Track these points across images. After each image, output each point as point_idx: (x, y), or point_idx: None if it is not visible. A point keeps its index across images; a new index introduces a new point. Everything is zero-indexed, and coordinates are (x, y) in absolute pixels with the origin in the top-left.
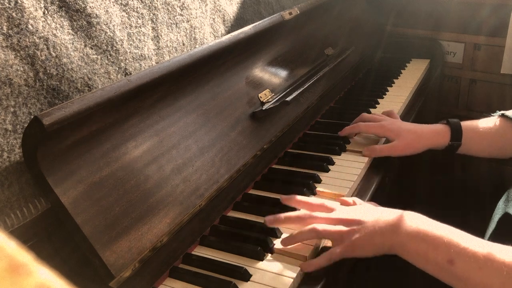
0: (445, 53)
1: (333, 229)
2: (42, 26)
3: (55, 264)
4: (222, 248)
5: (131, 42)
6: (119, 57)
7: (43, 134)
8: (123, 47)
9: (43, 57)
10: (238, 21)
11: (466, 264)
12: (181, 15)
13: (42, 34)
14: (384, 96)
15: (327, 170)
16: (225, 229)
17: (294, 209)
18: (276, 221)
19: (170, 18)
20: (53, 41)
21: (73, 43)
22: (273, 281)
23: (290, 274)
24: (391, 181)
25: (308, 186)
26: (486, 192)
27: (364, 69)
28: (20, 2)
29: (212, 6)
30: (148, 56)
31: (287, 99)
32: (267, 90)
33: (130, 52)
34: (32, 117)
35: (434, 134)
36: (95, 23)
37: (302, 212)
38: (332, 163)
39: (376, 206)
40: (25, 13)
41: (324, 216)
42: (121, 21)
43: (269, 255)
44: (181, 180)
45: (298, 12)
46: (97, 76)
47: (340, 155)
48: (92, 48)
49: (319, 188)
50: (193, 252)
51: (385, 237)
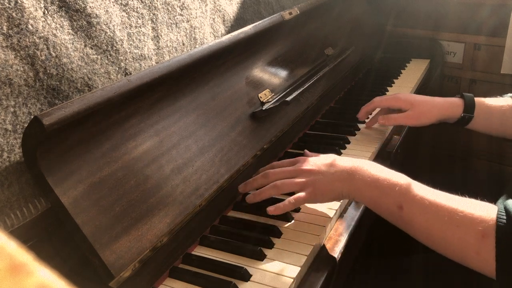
0: (445, 53)
1: (293, 181)
2: (42, 26)
3: (55, 264)
4: (222, 248)
5: (131, 42)
6: (119, 57)
7: (43, 134)
8: (123, 47)
9: (43, 57)
10: (238, 21)
11: (413, 209)
12: (181, 15)
13: (42, 34)
14: None
15: None
16: (225, 229)
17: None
18: (247, 186)
19: (170, 18)
20: (53, 41)
21: (73, 43)
22: (273, 281)
23: (290, 274)
24: None
25: None
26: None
27: (364, 69)
28: (20, 2)
29: (212, 6)
30: (148, 56)
31: (287, 99)
32: (267, 90)
33: (130, 52)
34: (32, 117)
35: (448, 105)
36: (95, 23)
37: (267, 171)
38: None
39: (337, 156)
40: (25, 13)
41: (286, 170)
42: (121, 21)
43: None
44: (181, 180)
45: (298, 12)
46: (97, 76)
47: (340, 155)
48: (92, 48)
49: None
50: (193, 252)
51: (343, 183)
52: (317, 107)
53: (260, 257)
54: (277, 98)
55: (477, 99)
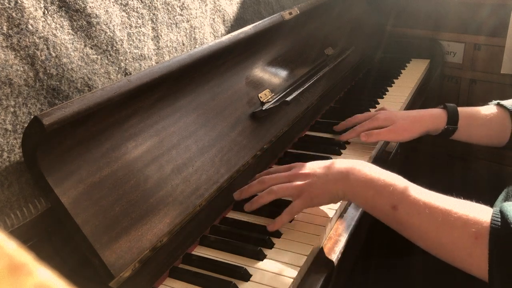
0: (445, 53)
1: (289, 186)
2: (42, 26)
3: (55, 264)
4: (222, 248)
5: (131, 42)
6: (119, 57)
7: (43, 134)
8: (123, 47)
9: (43, 57)
10: (238, 21)
11: (407, 210)
12: (181, 15)
13: (42, 34)
14: (384, 96)
15: None
16: (225, 229)
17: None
18: (243, 193)
19: (170, 18)
20: (53, 41)
21: (73, 43)
22: (273, 281)
23: (290, 274)
24: None
25: None
26: (486, 192)
27: (364, 69)
28: (20, 2)
29: (212, 6)
30: (148, 56)
31: (287, 99)
32: (267, 90)
33: (130, 52)
34: (32, 117)
35: (430, 117)
36: (95, 23)
37: (262, 177)
38: None
39: (333, 159)
40: (25, 13)
41: (281, 175)
42: (121, 21)
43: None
44: (181, 180)
45: (298, 12)
46: (97, 76)
47: (340, 155)
48: (92, 48)
49: None
50: (193, 252)
51: (338, 185)
52: (317, 107)
53: (260, 257)
54: (277, 98)
55: (461, 110)
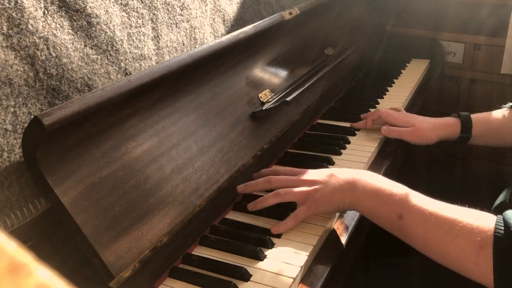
0: (445, 53)
1: (296, 191)
2: (42, 26)
3: (55, 264)
4: (222, 248)
5: (131, 42)
6: (119, 57)
7: (43, 134)
8: (123, 47)
9: (43, 57)
10: (238, 21)
11: (413, 219)
12: (181, 15)
13: (42, 34)
14: (384, 96)
15: None
16: (225, 229)
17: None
18: (247, 188)
19: (170, 18)
20: (53, 41)
21: (73, 43)
22: (273, 281)
23: (290, 274)
24: None
25: None
26: (486, 192)
27: (364, 69)
28: (20, 2)
29: (212, 6)
30: (148, 56)
31: (287, 99)
32: (267, 90)
33: (130, 52)
34: (32, 117)
35: (446, 126)
36: (95, 23)
37: (269, 176)
38: (332, 163)
39: (339, 168)
40: (25, 13)
41: (289, 178)
42: (121, 21)
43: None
44: (181, 180)
45: (298, 12)
46: (97, 76)
47: (340, 155)
48: (92, 48)
49: None
50: (193, 252)
51: (344, 194)
52: (317, 107)
53: (260, 257)
54: (277, 98)
55: (474, 117)
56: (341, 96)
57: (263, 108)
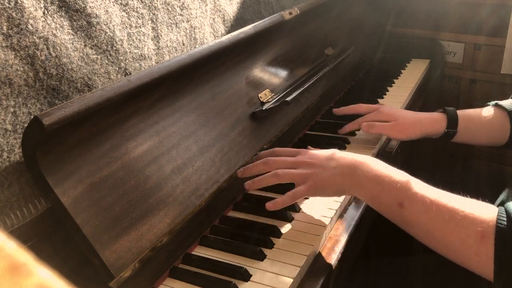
0: (445, 53)
1: (294, 172)
2: (42, 26)
3: (55, 264)
4: (222, 248)
5: (131, 42)
6: (119, 57)
7: (43, 134)
8: (123, 47)
9: (43, 57)
10: (238, 21)
11: (414, 208)
12: (181, 15)
13: (42, 34)
14: (384, 96)
15: None
16: (225, 229)
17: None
18: (246, 171)
19: (170, 18)
20: (53, 41)
21: (73, 43)
22: (273, 281)
23: (290, 274)
24: None
25: None
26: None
27: (364, 69)
28: (20, 2)
29: (212, 6)
30: (148, 56)
31: (287, 99)
32: (267, 90)
33: (130, 52)
34: (32, 117)
35: (431, 121)
36: (95, 23)
37: (267, 158)
38: None
39: (341, 151)
40: (25, 13)
41: (288, 159)
42: (121, 21)
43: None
44: (181, 180)
45: (298, 12)
46: (97, 76)
47: None
48: (92, 48)
49: None
50: (193, 252)
51: (345, 178)
52: (317, 107)
53: (260, 257)
54: (277, 98)
55: (460, 113)
56: (341, 96)
57: (263, 108)
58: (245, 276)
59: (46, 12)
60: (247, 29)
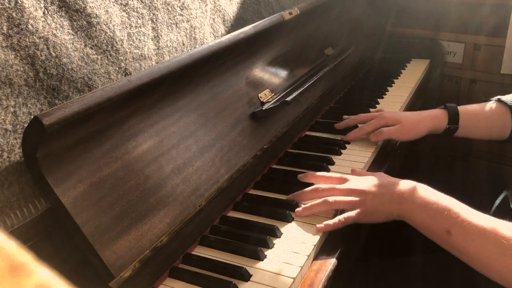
0: (445, 53)
1: (344, 200)
2: (42, 26)
3: (55, 264)
4: (222, 248)
5: (131, 42)
6: (119, 57)
7: (43, 134)
8: (123, 47)
9: (43, 57)
10: (238, 21)
11: (461, 235)
12: (181, 15)
13: (42, 34)
14: (384, 96)
15: (328, 170)
16: (225, 229)
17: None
18: (295, 198)
19: (170, 18)
20: (53, 41)
21: (73, 43)
22: (273, 281)
23: (290, 274)
24: None
25: (308, 186)
26: (486, 192)
27: (364, 69)
28: (20, 2)
29: (212, 6)
30: (148, 56)
31: (287, 99)
32: (267, 90)
33: (130, 52)
34: (32, 117)
35: (432, 118)
36: (95, 23)
37: (317, 185)
38: (332, 163)
39: (387, 176)
40: (25, 13)
41: (337, 187)
42: (121, 21)
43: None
44: (181, 180)
45: (298, 12)
46: (97, 76)
47: (340, 155)
48: (92, 48)
49: None
50: (193, 252)
51: (393, 205)
52: (317, 107)
53: (260, 257)
54: (277, 98)
55: (461, 108)
56: (341, 96)
57: (263, 108)
58: (245, 276)
59: (46, 12)
60: (247, 29)
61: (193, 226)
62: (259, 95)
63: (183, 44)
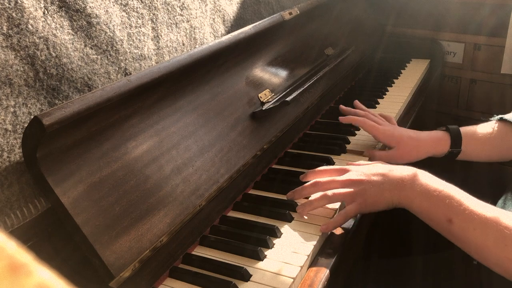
0: (445, 53)
1: (344, 192)
2: (42, 26)
3: (55, 264)
4: (222, 248)
5: (131, 42)
6: (119, 57)
7: (43, 134)
8: (123, 47)
9: (43, 57)
10: (238, 21)
11: (463, 224)
12: (181, 15)
13: (42, 34)
14: (384, 96)
15: None
16: (225, 229)
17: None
18: (296, 194)
19: (170, 18)
20: (53, 41)
21: (73, 43)
22: (273, 281)
23: (290, 274)
24: None
25: None
26: (486, 192)
27: (364, 69)
28: (20, 2)
29: (212, 6)
30: (148, 56)
31: (287, 99)
32: (267, 90)
33: (130, 52)
34: (32, 117)
35: (434, 142)
36: (95, 23)
37: (316, 179)
38: (332, 163)
39: (386, 164)
40: (25, 13)
41: (336, 179)
42: (121, 21)
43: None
44: (181, 180)
45: (298, 12)
46: (97, 76)
47: (340, 156)
48: (92, 48)
49: None
50: (193, 252)
51: (394, 192)
52: (317, 107)
53: (260, 257)
54: (277, 98)
55: (464, 130)
56: (341, 96)
57: (263, 108)
58: (245, 276)
59: (46, 12)
60: (247, 29)
61: (193, 226)
62: (259, 95)
63: (183, 44)
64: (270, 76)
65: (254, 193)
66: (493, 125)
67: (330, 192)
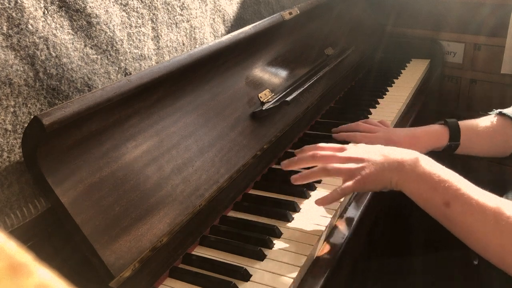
0: (445, 53)
1: (343, 167)
2: (42, 26)
3: (55, 264)
4: (222, 248)
5: (131, 42)
6: (119, 57)
7: (43, 134)
8: (123, 47)
9: (43, 57)
10: (238, 21)
11: (460, 208)
12: (181, 15)
13: (42, 34)
14: (384, 96)
15: None
16: (225, 229)
17: (294, 204)
18: (291, 164)
19: (170, 18)
20: (53, 41)
21: (73, 43)
22: (273, 281)
23: (290, 274)
24: None
25: (308, 186)
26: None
27: (364, 69)
28: (20, 2)
29: (212, 6)
30: (148, 56)
31: (287, 99)
32: (267, 90)
33: (130, 52)
34: (32, 117)
35: (432, 136)
36: (95, 23)
37: (315, 151)
38: None
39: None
40: (25, 13)
41: (336, 155)
42: (121, 21)
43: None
44: (181, 180)
45: (298, 12)
46: (97, 76)
47: None
48: (92, 48)
49: (319, 187)
50: (193, 252)
51: (392, 173)
52: (317, 107)
53: (260, 257)
54: (277, 98)
55: (462, 124)
56: (341, 96)
57: (263, 108)
58: (245, 276)
59: (46, 12)
60: (247, 29)
61: (193, 226)
62: (259, 95)
63: (183, 44)
64: (270, 76)
65: (254, 193)
66: (492, 119)
67: (330, 166)
